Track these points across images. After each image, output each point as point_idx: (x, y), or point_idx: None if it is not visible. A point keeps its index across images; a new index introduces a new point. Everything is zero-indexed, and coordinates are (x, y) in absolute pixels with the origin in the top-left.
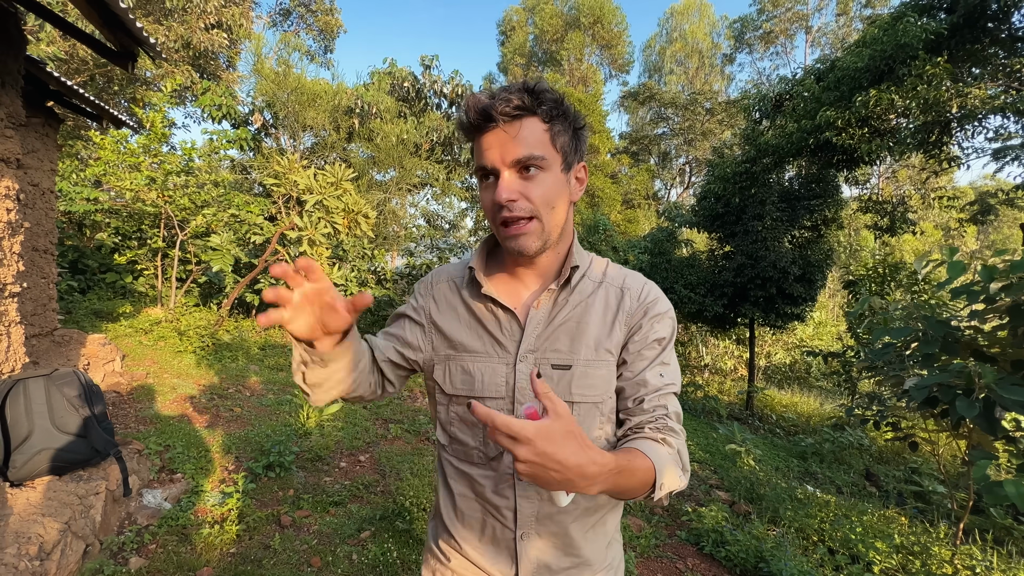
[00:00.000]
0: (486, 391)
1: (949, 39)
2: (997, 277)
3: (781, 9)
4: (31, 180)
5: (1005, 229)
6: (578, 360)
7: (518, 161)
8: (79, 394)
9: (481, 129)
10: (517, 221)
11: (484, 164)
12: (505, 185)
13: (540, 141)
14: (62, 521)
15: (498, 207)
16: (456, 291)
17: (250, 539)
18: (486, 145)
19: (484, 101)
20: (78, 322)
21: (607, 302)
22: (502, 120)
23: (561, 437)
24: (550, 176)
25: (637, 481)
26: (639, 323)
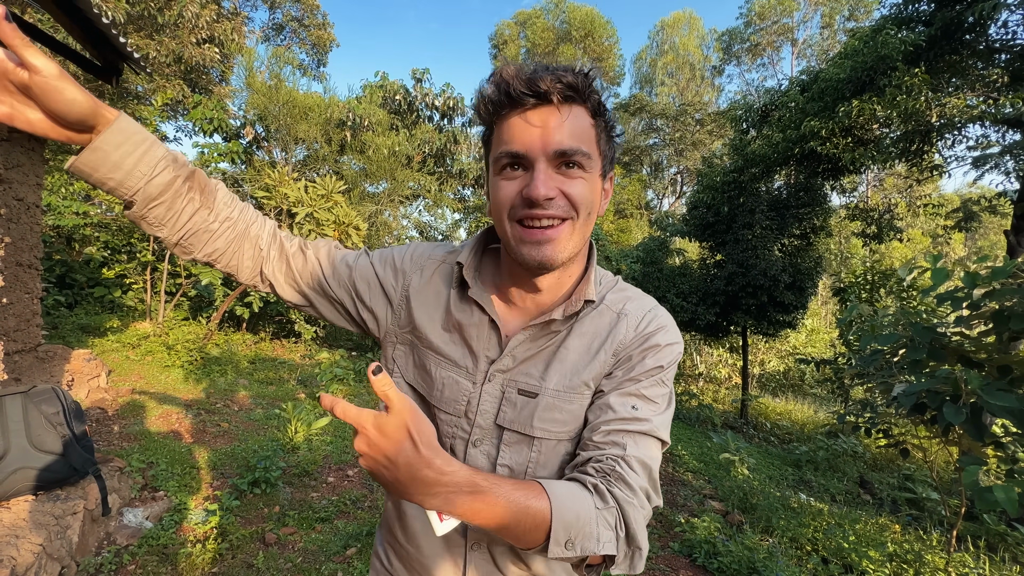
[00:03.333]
0: (444, 404)
1: (927, 51)
2: (980, 283)
3: (767, 22)
4: (15, 194)
5: (991, 236)
6: (547, 389)
7: (563, 153)
8: (58, 411)
9: (516, 105)
10: (547, 222)
11: (515, 149)
12: (543, 178)
13: (588, 136)
14: (37, 542)
15: (526, 203)
16: (447, 283)
17: (233, 558)
18: (522, 126)
19: (530, 70)
20: (64, 337)
21: (596, 328)
22: (556, 98)
23: (394, 431)
24: (590, 180)
25: (513, 518)
26: (630, 354)
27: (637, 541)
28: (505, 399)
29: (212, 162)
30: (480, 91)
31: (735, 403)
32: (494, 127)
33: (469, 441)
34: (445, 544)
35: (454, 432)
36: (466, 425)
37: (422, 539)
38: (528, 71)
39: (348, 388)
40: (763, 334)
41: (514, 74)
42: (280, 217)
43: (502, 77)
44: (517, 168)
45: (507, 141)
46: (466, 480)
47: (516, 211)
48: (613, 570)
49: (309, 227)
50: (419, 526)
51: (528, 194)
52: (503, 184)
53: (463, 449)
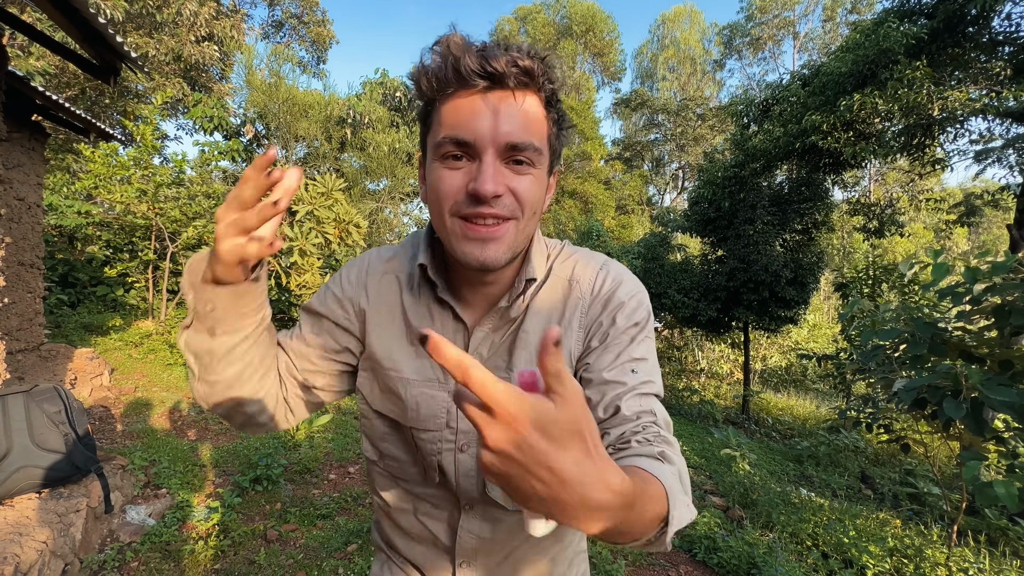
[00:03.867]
0: (422, 422)
1: (930, 43)
2: (981, 278)
3: (769, 16)
4: (16, 194)
5: (995, 230)
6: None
7: (515, 147)
8: (60, 410)
9: (465, 85)
10: (492, 220)
11: (461, 136)
12: (491, 170)
13: (540, 129)
14: (40, 540)
15: (472, 199)
16: (398, 293)
17: (235, 554)
18: (470, 110)
19: (482, 50)
20: (67, 336)
21: (551, 302)
22: (511, 82)
23: (564, 432)
24: (539, 176)
25: (648, 516)
26: (597, 319)
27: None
28: None
29: (213, 160)
30: (422, 62)
31: (737, 399)
32: (435, 104)
33: (456, 448)
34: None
35: (439, 447)
36: (450, 435)
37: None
38: (480, 48)
39: None
40: (765, 329)
41: (464, 48)
42: None
43: (450, 50)
44: (461, 157)
45: (452, 126)
46: (632, 493)
47: (460, 207)
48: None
49: (310, 225)
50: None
51: (475, 189)
52: (445, 174)
53: (452, 459)
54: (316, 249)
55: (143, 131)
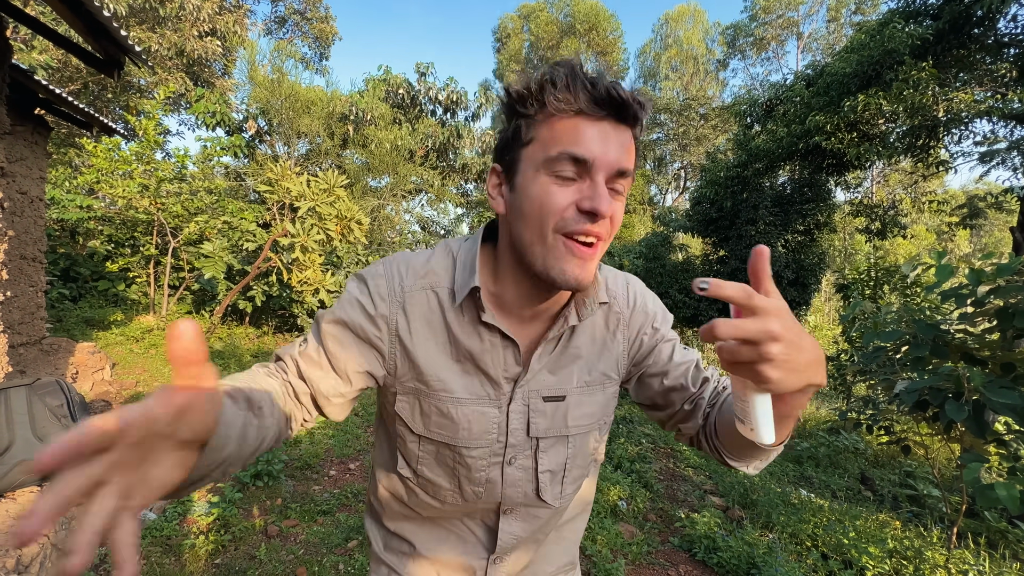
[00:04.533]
0: (475, 440)
1: (935, 44)
2: (984, 280)
3: (772, 15)
4: (19, 188)
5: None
6: (571, 388)
7: (622, 173)
8: (62, 404)
9: (590, 108)
10: (594, 239)
11: (581, 154)
12: (606, 193)
13: (634, 159)
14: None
15: (585, 215)
16: (439, 309)
17: (235, 549)
18: (593, 132)
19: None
20: (69, 330)
21: (593, 318)
22: (628, 115)
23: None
24: (623, 201)
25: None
26: (641, 327)
27: None
28: (532, 410)
29: (215, 156)
30: (540, 80)
31: None
32: (544, 119)
33: (504, 461)
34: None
35: (488, 462)
36: (499, 449)
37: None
38: (608, 80)
39: None
40: None
41: (594, 76)
42: (283, 211)
43: (580, 73)
44: (568, 173)
45: (571, 142)
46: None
47: (567, 223)
48: None
49: (311, 221)
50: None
51: (594, 207)
52: (555, 189)
53: (499, 472)
54: (318, 246)
55: (145, 126)
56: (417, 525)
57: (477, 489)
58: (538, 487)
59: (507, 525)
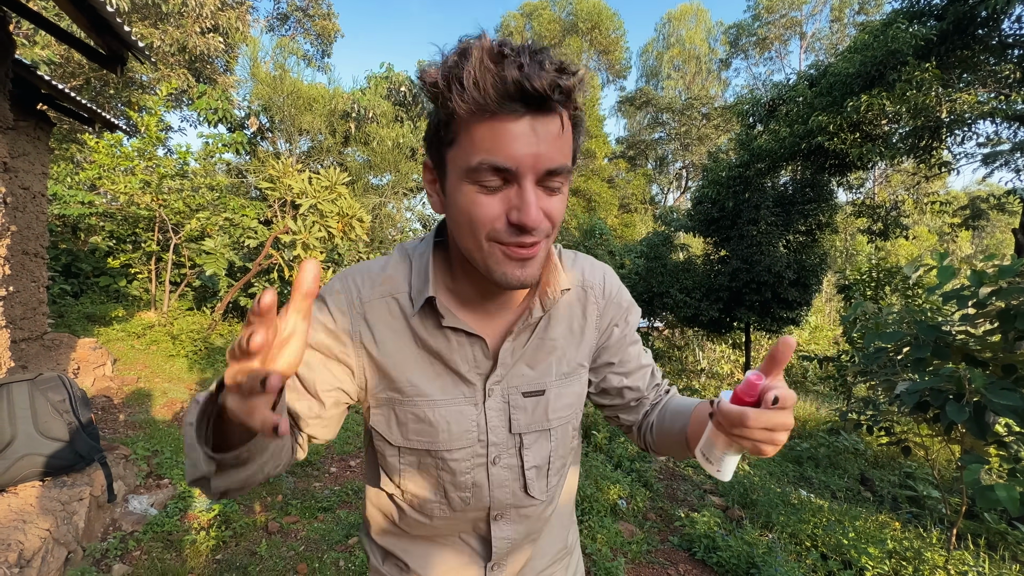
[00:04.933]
0: (455, 441)
1: (939, 45)
2: (986, 282)
3: (776, 15)
4: (21, 183)
5: (998, 234)
6: (550, 382)
7: (552, 172)
8: (64, 399)
9: (502, 108)
10: (531, 247)
11: (503, 164)
12: (534, 202)
13: (570, 147)
14: (44, 527)
15: (516, 230)
16: (401, 315)
17: (236, 545)
18: (511, 136)
19: (520, 66)
20: (70, 326)
21: (570, 309)
22: (556, 107)
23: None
24: (566, 190)
25: None
26: (613, 319)
27: None
28: (512, 407)
29: (216, 152)
30: (448, 71)
31: None
32: (458, 120)
33: (488, 461)
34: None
35: (471, 463)
36: (481, 449)
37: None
38: (517, 67)
39: None
40: (766, 330)
41: (501, 65)
42: (284, 208)
43: (485, 66)
44: (496, 182)
45: (491, 149)
46: None
47: (499, 235)
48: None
49: (313, 219)
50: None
51: (521, 221)
52: (482, 200)
53: (484, 474)
54: (319, 243)
55: (147, 122)
56: (409, 542)
57: (464, 495)
58: (525, 484)
59: (499, 530)
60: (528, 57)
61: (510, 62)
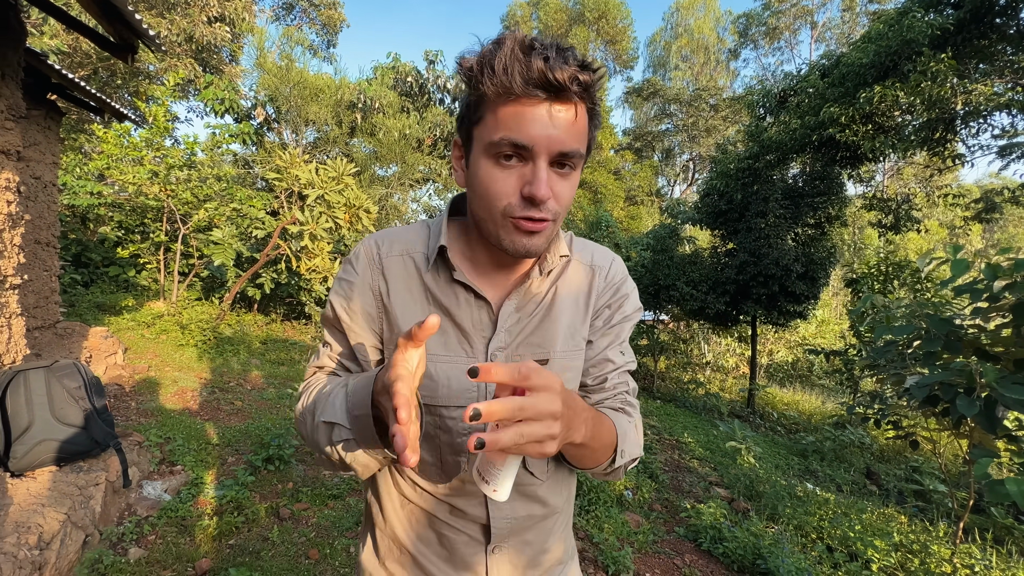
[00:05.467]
0: (454, 399)
1: (955, 35)
2: (1000, 275)
3: (786, 4)
4: (33, 173)
5: (1011, 228)
6: (555, 352)
7: (564, 155)
8: (79, 386)
9: (527, 92)
10: (540, 222)
11: (520, 140)
12: (545, 179)
13: (584, 136)
14: (62, 511)
15: (526, 202)
16: (416, 272)
17: (249, 531)
18: (531, 117)
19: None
20: (81, 315)
21: (578, 284)
22: (570, 94)
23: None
24: (577, 177)
25: (605, 439)
26: (607, 303)
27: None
28: None
29: (223, 143)
30: (483, 59)
31: (742, 392)
32: (485, 101)
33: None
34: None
35: (469, 426)
36: None
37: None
38: (543, 54)
39: None
40: (773, 324)
41: (529, 56)
42: (291, 199)
43: (516, 55)
44: (512, 158)
45: (512, 128)
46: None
47: (514, 209)
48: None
49: (320, 209)
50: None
51: (532, 193)
52: (498, 174)
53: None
54: (326, 234)
55: (155, 112)
56: (409, 528)
57: (458, 459)
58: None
59: (498, 509)
60: (555, 52)
61: (537, 54)
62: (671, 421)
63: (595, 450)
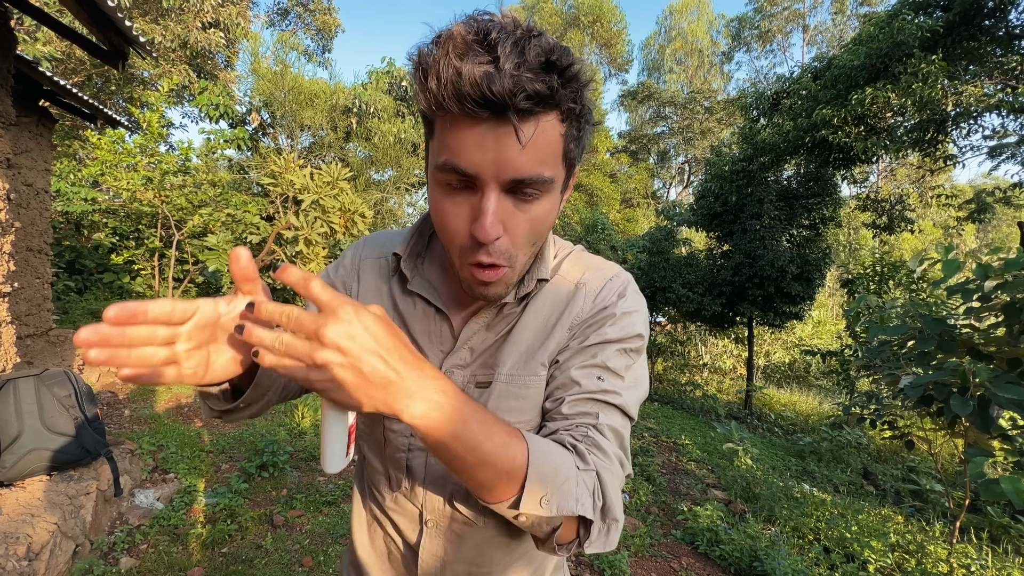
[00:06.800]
0: None
1: (945, 37)
2: (992, 275)
3: (778, 7)
4: (24, 180)
5: (1004, 228)
6: (499, 375)
7: (519, 183)
8: (70, 394)
9: (464, 112)
10: (489, 268)
11: (462, 167)
12: (492, 218)
13: (552, 153)
14: (52, 521)
15: (471, 244)
16: (386, 275)
17: (242, 539)
18: (472, 140)
19: (490, 74)
20: (75, 322)
21: (553, 302)
22: (515, 117)
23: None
24: (547, 201)
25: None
26: (586, 322)
27: (614, 512)
28: None
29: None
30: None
31: (739, 394)
32: (434, 118)
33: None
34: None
35: (410, 442)
36: None
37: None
38: (489, 75)
39: None
40: (769, 325)
41: (463, 66)
42: (286, 204)
43: (449, 65)
44: (462, 187)
45: (453, 152)
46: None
47: (467, 253)
48: (587, 547)
49: (315, 214)
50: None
51: (475, 233)
52: (448, 207)
53: (423, 460)
54: (321, 239)
55: (149, 118)
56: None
57: (398, 475)
58: (453, 489)
59: (428, 540)
60: (509, 50)
61: (477, 59)
62: (668, 423)
63: (469, 464)
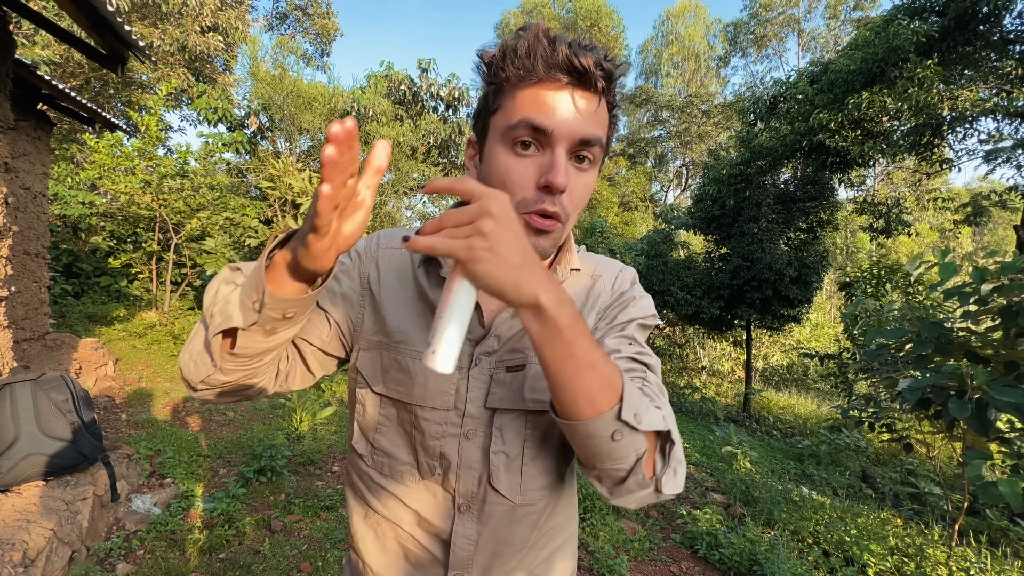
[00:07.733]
0: (430, 399)
1: (940, 42)
2: (988, 278)
3: (773, 13)
4: (22, 183)
5: (1000, 231)
6: (532, 357)
7: (585, 142)
8: (67, 399)
9: (549, 76)
10: (551, 218)
11: (541, 123)
12: (564, 167)
13: (605, 129)
14: (48, 527)
15: (543, 192)
16: (410, 265)
17: (240, 544)
18: (553, 100)
19: (571, 45)
20: (72, 326)
21: (574, 292)
22: (593, 81)
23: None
24: (592, 174)
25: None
26: (610, 306)
27: (678, 452)
28: (494, 381)
29: (216, 152)
30: (505, 45)
31: (738, 397)
32: (510, 88)
33: (461, 434)
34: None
35: (443, 429)
36: (456, 418)
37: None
38: (568, 42)
39: None
40: (768, 328)
41: (554, 41)
42: (285, 208)
43: (540, 39)
44: (530, 145)
45: (531, 110)
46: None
47: (528, 203)
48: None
49: None
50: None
51: (550, 181)
52: (515, 163)
53: (455, 445)
54: None
55: (147, 122)
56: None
57: (432, 462)
58: (490, 471)
59: (462, 525)
60: (577, 43)
61: (561, 40)
62: None
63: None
